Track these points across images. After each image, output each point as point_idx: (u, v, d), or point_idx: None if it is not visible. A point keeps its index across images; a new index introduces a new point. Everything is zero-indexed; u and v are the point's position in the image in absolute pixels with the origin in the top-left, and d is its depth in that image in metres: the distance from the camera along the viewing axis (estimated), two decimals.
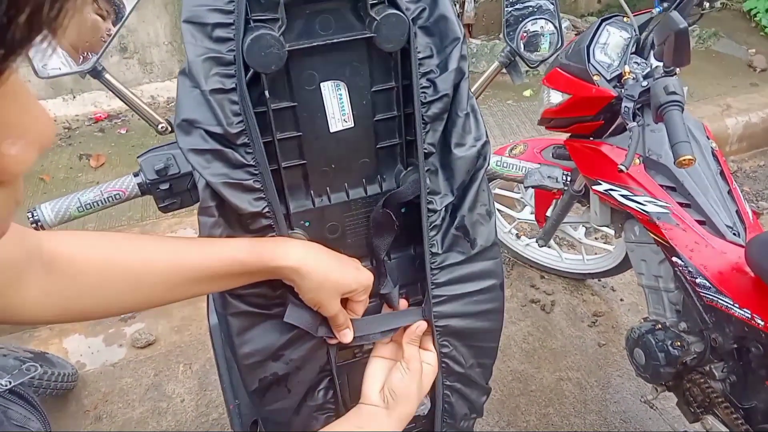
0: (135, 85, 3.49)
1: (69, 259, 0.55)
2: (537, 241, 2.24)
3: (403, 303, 0.80)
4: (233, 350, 0.71)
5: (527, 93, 3.53)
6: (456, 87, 0.69)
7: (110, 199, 0.87)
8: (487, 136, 0.73)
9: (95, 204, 0.87)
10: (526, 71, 3.69)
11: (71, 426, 1.93)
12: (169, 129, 0.92)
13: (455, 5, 4.02)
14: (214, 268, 0.62)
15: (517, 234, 2.54)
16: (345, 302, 0.72)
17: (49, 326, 2.31)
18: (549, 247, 2.41)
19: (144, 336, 2.23)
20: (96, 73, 0.84)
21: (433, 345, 0.77)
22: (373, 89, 0.69)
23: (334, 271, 0.67)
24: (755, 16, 4.16)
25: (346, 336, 0.72)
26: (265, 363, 0.72)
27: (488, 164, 0.73)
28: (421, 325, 0.75)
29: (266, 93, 0.64)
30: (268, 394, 0.74)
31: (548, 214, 2.10)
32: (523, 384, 2.04)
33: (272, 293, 0.70)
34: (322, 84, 0.66)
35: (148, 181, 0.86)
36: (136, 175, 0.88)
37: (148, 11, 3.33)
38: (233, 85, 0.62)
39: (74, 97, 3.41)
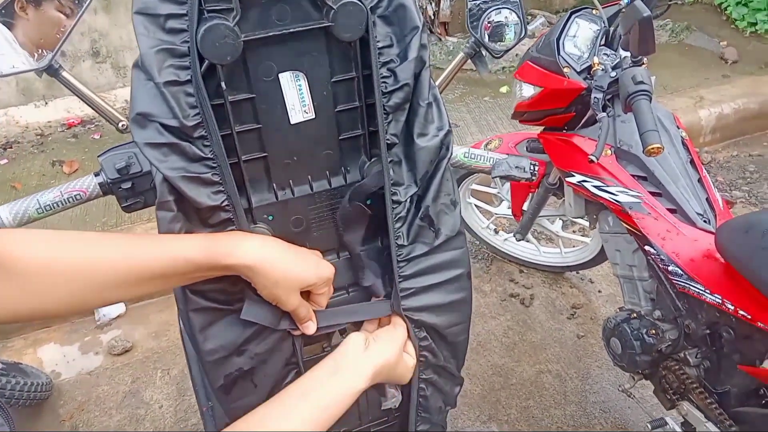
0: (108, 90, 3.44)
1: (15, 259, 0.54)
2: (515, 236, 2.25)
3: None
4: (196, 348, 0.70)
5: (504, 89, 3.55)
6: (417, 76, 0.69)
7: (71, 199, 0.85)
8: (449, 126, 0.73)
9: (55, 205, 0.85)
10: (503, 67, 3.71)
11: None
12: None
13: (431, 3, 4.03)
14: (167, 266, 0.61)
15: (495, 229, 2.54)
16: (307, 294, 0.71)
17: (23, 336, 2.27)
18: (527, 241, 2.43)
19: (120, 343, 2.20)
20: (53, 71, 0.82)
21: (410, 338, 0.76)
22: (333, 80, 0.68)
23: (293, 265, 0.66)
24: (726, 9, 4.23)
25: (309, 328, 0.71)
26: (229, 358, 0.71)
27: (451, 154, 0.73)
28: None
29: (223, 84, 0.63)
30: (234, 390, 0.73)
31: (525, 208, 2.11)
32: (504, 378, 2.04)
33: (233, 288, 0.69)
34: (280, 75, 0.65)
35: (109, 181, 0.85)
36: (97, 174, 0.86)
37: (120, 14, 3.29)
38: (188, 77, 0.61)
39: (46, 103, 3.36)
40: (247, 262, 0.62)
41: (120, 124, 0.89)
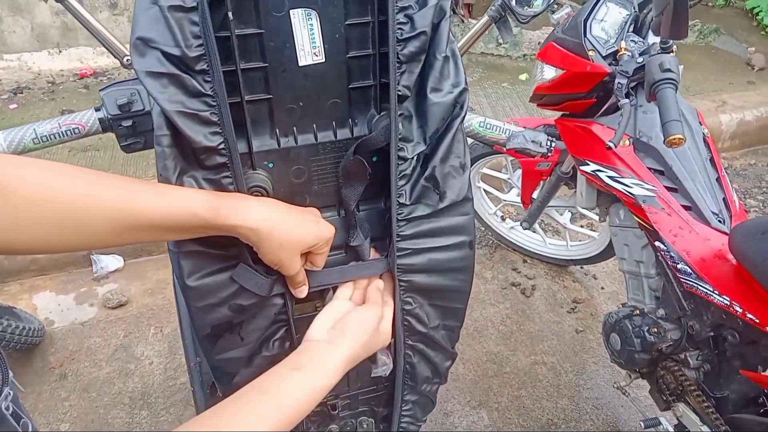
0: (124, 43, 3.39)
1: (7, 187, 0.50)
2: (521, 224, 2.22)
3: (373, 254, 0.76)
4: (185, 292, 0.67)
5: (523, 77, 3.48)
6: (435, 27, 0.64)
7: (68, 132, 0.82)
8: (466, 84, 0.69)
9: (52, 137, 0.82)
10: (524, 55, 3.64)
11: (35, 382, 1.89)
12: None
13: None
14: (167, 218, 0.57)
15: (502, 216, 2.51)
16: (305, 256, 0.68)
17: (20, 281, 2.26)
18: (533, 231, 2.39)
19: (116, 296, 2.19)
20: None
21: (394, 299, 0.73)
22: (347, 22, 0.64)
23: (295, 228, 0.63)
24: (757, 14, 4.13)
25: (302, 292, 0.69)
26: (217, 308, 0.68)
27: (465, 113, 0.69)
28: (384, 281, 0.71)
29: (230, 15, 0.59)
30: (220, 341, 0.70)
31: (534, 196, 2.07)
32: (498, 365, 2.02)
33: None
34: (291, 11, 0.61)
35: (109, 117, 0.82)
36: (97, 109, 0.83)
37: None
38: (194, 4, 0.57)
39: (60, 51, 3.32)
40: (252, 225, 0.60)
41: (125, 59, 0.86)
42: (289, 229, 0.63)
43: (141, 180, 0.59)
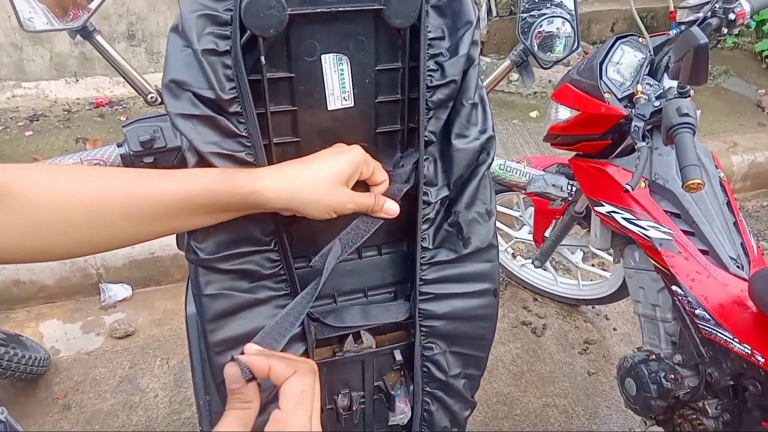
0: (142, 74, 3.45)
1: (21, 192, 0.50)
2: (533, 262, 2.20)
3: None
4: (204, 336, 0.66)
5: (533, 114, 3.51)
6: (464, 73, 0.65)
7: None
8: (493, 131, 0.68)
9: None
10: (534, 92, 3.67)
11: (38, 413, 1.86)
12: (159, 99, 0.87)
13: None
14: (180, 198, 0.56)
15: (513, 253, 2.49)
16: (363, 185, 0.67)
17: (27, 309, 2.25)
18: (544, 269, 2.37)
19: (123, 326, 2.17)
20: (86, 33, 0.79)
21: (414, 344, 0.72)
22: (377, 68, 0.65)
23: (315, 169, 0.61)
24: (766, 57, 4.17)
25: (392, 209, 0.66)
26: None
27: (491, 160, 0.69)
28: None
29: (262, 59, 0.59)
30: None
31: (547, 234, 2.06)
32: (508, 407, 1.98)
33: (261, 271, 0.64)
34: (323, 56, 0.62)
35: (131, 153, 0.81)
36: (119, 145, 0.83)
37: (159, 0, 3.31)
38: (227, 48, 0.57)
39: (77, 80, 3.37)
40: (272, 186, 0.58)
41: (149, 96, 0.86)
42: (311, 173, 0.60)
43: (147, 170, 0.59)
